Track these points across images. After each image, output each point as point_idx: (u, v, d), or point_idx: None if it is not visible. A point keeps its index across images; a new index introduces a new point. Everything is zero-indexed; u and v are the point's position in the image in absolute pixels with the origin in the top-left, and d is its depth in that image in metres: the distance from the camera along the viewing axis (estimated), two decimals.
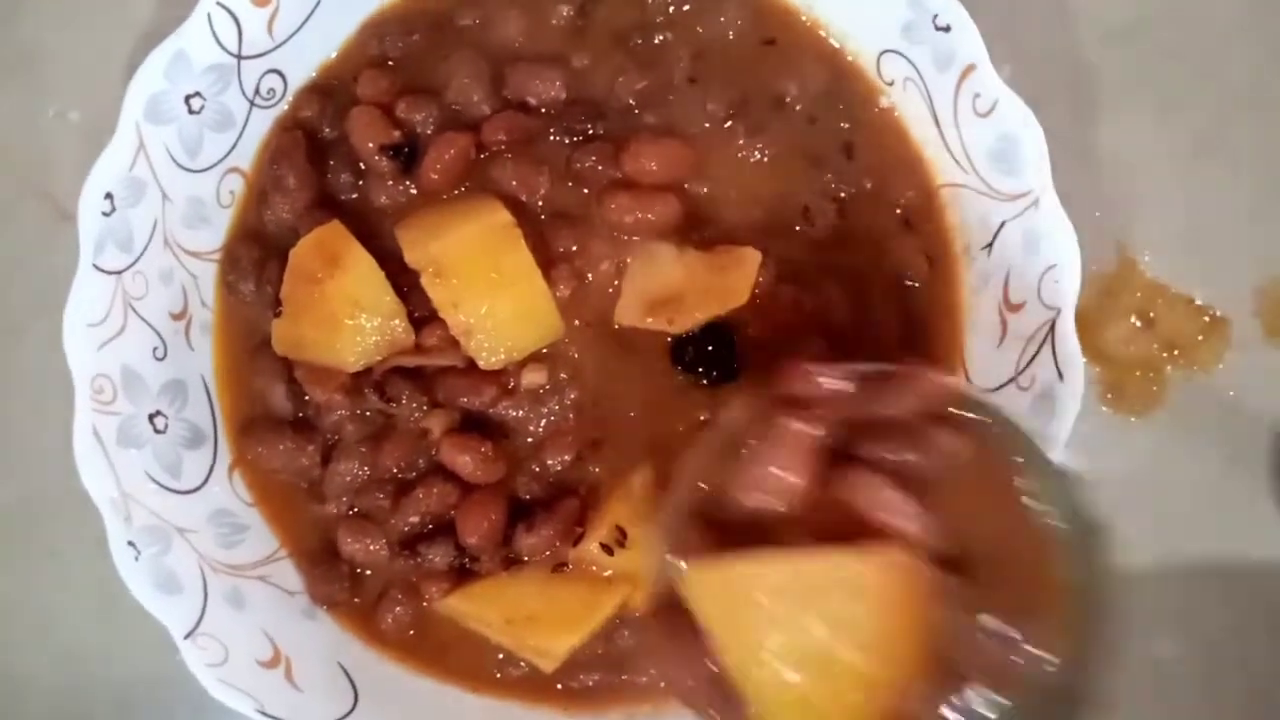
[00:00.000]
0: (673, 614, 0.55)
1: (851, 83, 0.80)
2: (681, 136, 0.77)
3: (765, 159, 0.78)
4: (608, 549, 0.75)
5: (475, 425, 0.77)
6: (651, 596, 0.60)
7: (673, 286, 0.74)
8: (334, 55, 0.81)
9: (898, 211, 0.80)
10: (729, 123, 0.78)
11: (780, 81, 0.79)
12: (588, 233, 0.76)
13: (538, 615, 0.74)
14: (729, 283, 0.75)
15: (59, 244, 0.84)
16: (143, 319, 0.77)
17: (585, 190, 0.76)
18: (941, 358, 0.78)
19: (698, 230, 0.77)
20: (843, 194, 0.78)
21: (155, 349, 0.78)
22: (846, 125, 0.79)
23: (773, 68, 0.79)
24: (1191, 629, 0.85)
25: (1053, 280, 0.74)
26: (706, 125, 0.78)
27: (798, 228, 0.78)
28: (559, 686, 0.78)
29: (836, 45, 0.80)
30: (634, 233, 0.76)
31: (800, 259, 0.77)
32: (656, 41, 0.79)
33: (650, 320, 0.75)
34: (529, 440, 0.77)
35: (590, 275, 0.76)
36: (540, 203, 0.77)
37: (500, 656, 0.78)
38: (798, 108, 0.79)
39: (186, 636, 0.74)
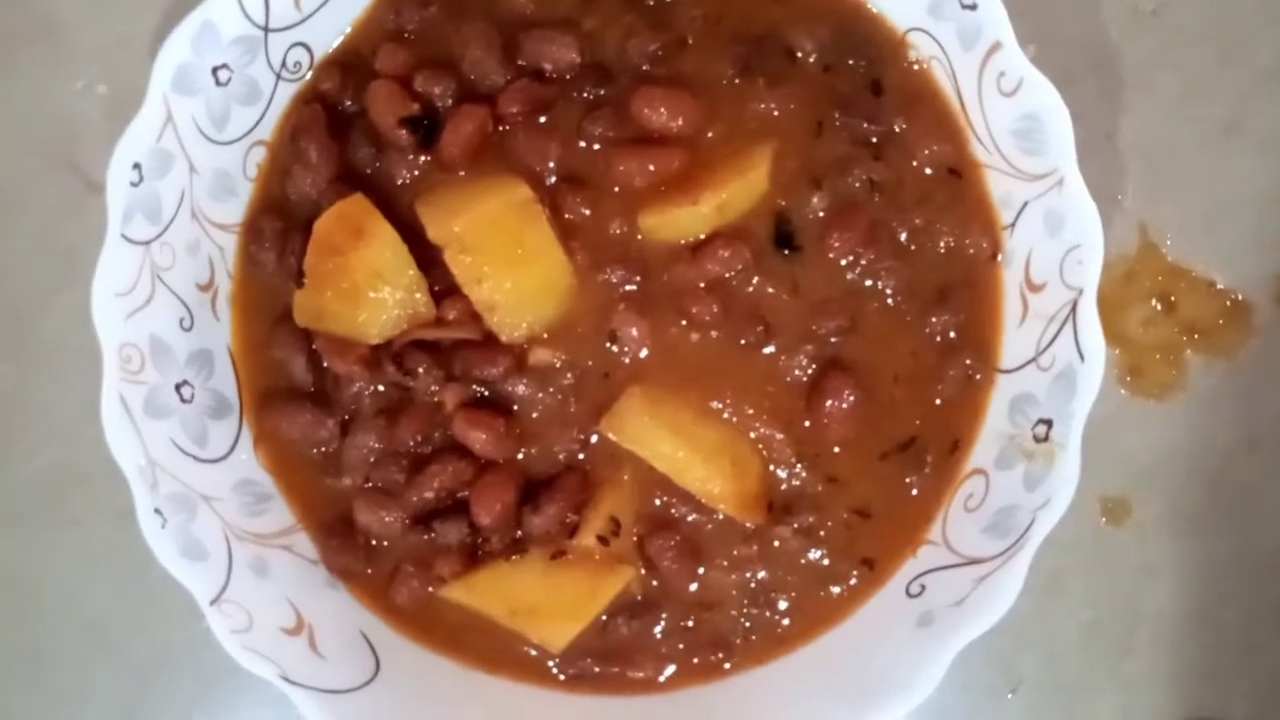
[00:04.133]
0: None
1: (871, 26, 0.79)
2: (695, 93, 0.76)
3: (788, 110, 0.77)
4: (603, 540, 0.76)
5: (487, 402, 0.77)
6: None
7: None
8: (351, 28, 0.81)
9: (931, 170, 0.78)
10: (739, 79, 0.77)
11: (792, 32, 0.78)
12: (600, 196, 0.76)
13: (540, 606, 0.76)
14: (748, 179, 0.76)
15: (86, 216, 0.85)
16: (170, 289, 0.78)
17: (596, 151, 0.77)
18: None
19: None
20: (875, 138, 0.77)
21: (182, 319, 0.79)
22: (865, 65, 0.78)
23: (785, 19, 0.79)
24: (1209, 615, 0.85)
25: (1075, 261, 0.73)
26: (722, 82, 0.78)
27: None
28: (561, 677, 0.79)
29: None
30: (644, 189, 0.76)
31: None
32: (667, 1, 0.79)
33: None
34: (535, 417, 0.77)
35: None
36: (553, 168, 0.77)
37: (510, 639, 0.78)
38: (812, 58, 0.78)
39: (212, 603, 0.75)
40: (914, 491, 0.79)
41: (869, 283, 0.78)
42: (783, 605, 0.79)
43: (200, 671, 0.86)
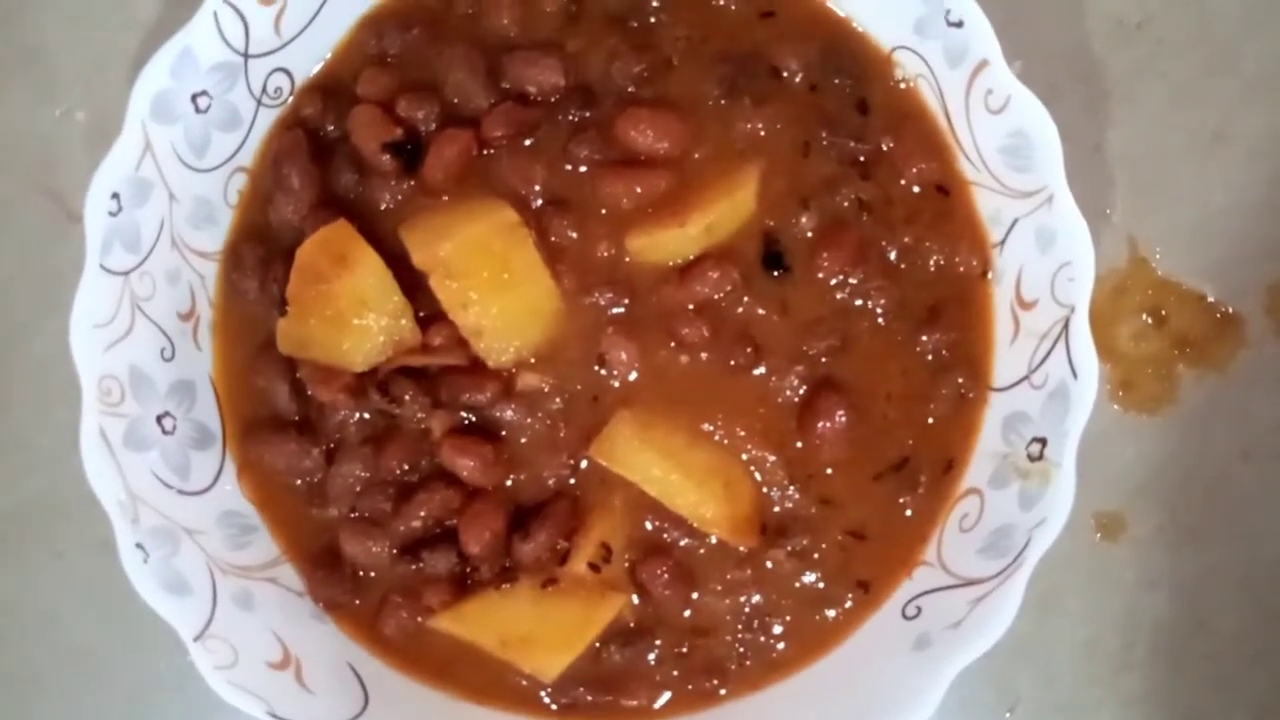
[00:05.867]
0: None
1: (857, 45, 0.79)
2: (681, 114, 0.76)
3: (774, 129, 0.77)
4: (595, 567, 0.75)
5: (474, 429, 0.77)
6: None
7: None
8: (331, 54, 0.81)
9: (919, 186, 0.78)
10: (725, 99, 0.77)
11: (778, 52, 0.78)
12: (586, 218, 0.76)
13: (532, 635, 0.75)
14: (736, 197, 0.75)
15: (66, 244, 0.84)
16: (150, 319, 0.77)
17: (582, 174, 0.76)
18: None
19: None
20: (862, 157, 0.77)
21: (163, 349, 0.78)
22: (851, 84, 0.78)
23: (771, 39, 0.78)
24: (1206, 628, 0.85)
25: (1066, 278, 0.73)
26: (708, 103, 0.77)
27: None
28: (554, 707, 0.78)
29: (841, 14, 0.79)
30: (631, 211, 0.76)
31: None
32: (651, 22, 0.79)
33: None
34: (523, 442, 0.77)
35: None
36: (539, 191, 0.76)
37: (501, 669, 0.77)
38: (798, 77, 0.78)
39: (196, 639, 0.74)
40: (908, 512, 0.78)
41: (859, 302, 0.78)
42: (777, 630, 0.78)
43: (188, 702, 0.85)
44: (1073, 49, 0.87)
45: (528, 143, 0.77)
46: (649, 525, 0.77)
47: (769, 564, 0.77)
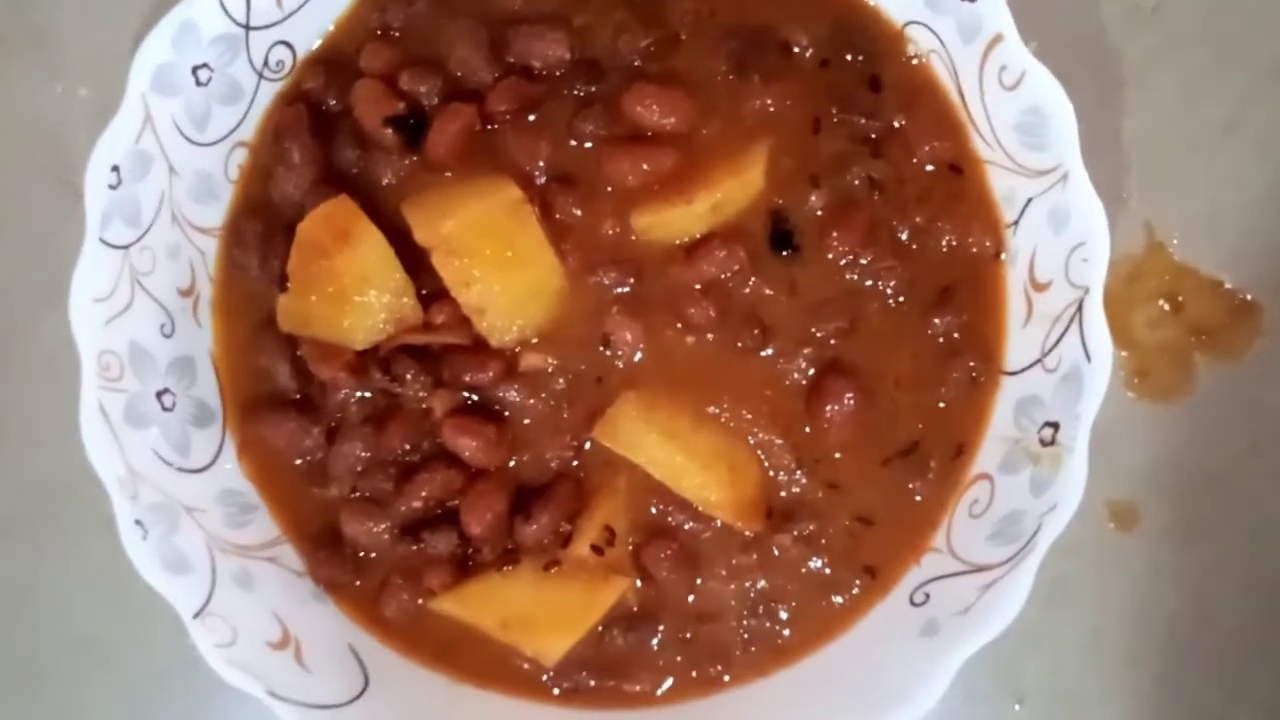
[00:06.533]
0: None
1: (869, 20, 0.78)
2: (689, 90, 0.76)
3: (784, 106, 0.76)
4: (598, 549, 0.75)
5: (477, 409, 0.76)
6: None
7: None
8: (334, 26, 0.80)
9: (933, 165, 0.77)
10: (733, 75, 0.77)
11: (788, 27, 0.77)
12: (591, 196, 0.75)
13: (533, 618, 0.74)
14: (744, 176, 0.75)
15: (70, 221, 0.83)
16: (150, 295, 0.77)
17: (588, 150, 0.76)
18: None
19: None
20: (874, 135, 0.76)
21: (163, 325, 0.77)
22: (863, 60, 0.77)
23: (781, 14, 0.78)
24: (1216, 621, 0.84)
25: (1081, 259, 0.72)
26: (716, 78, 0.77)
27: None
28: (555, 691, 0.78)
29: None
30: (637, 188, 0.75)
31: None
32: None
33: None
34: (526, 423, 0.76)
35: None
36: (543, 167, 0.76)
37: (503, 651, 0.77)
38: (808, 53, 0.77)
39: (195, 616, 0.73)
40: (917, 497, 0.77)
41: (869, 283, 0.77)
42: (783, 615, 0.78)
43: (193, 686, 0.85)
44: (1087, 34, 0.86)
45: (532, 118, 0.76)
46: (653, 508, 0.77)
47: (775, 549, 0.77)
